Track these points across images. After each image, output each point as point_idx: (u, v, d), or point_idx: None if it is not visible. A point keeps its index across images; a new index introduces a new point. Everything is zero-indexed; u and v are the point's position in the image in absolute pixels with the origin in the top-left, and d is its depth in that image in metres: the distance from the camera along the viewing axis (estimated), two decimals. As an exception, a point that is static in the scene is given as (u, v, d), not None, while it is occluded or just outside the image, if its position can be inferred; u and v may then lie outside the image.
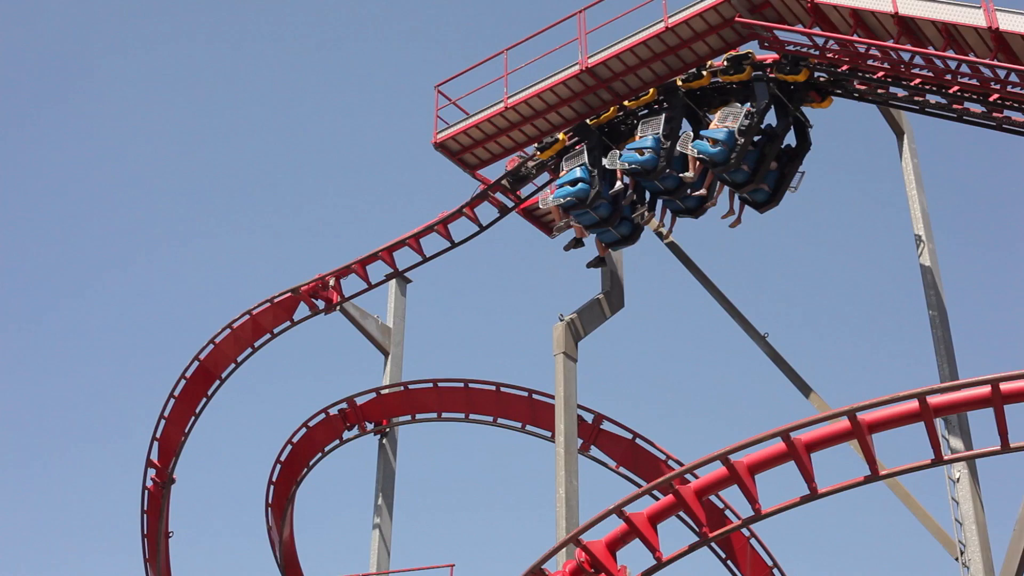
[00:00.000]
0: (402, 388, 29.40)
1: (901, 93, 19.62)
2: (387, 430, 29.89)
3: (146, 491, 30.87)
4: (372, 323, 30.38)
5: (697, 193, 21.81)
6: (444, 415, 29.56)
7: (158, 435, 30.17)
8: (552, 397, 23.56)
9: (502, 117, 23.56)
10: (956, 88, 18.62)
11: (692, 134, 21.73)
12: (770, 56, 21.28)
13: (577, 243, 23.67)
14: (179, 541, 31.52)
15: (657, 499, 16.72)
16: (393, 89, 77.06)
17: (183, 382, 29.75)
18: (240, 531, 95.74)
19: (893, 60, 19.21)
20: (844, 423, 15.28)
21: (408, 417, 29.83)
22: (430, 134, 24.49)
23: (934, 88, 19.03)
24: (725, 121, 21.03)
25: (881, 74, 19.52)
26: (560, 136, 23.70)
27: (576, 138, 23.51)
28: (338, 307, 28.77)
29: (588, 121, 23.11)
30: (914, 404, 14.93)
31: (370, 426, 30.06)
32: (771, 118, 21.59)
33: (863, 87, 20.49)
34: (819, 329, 66.78)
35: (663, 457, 27.58)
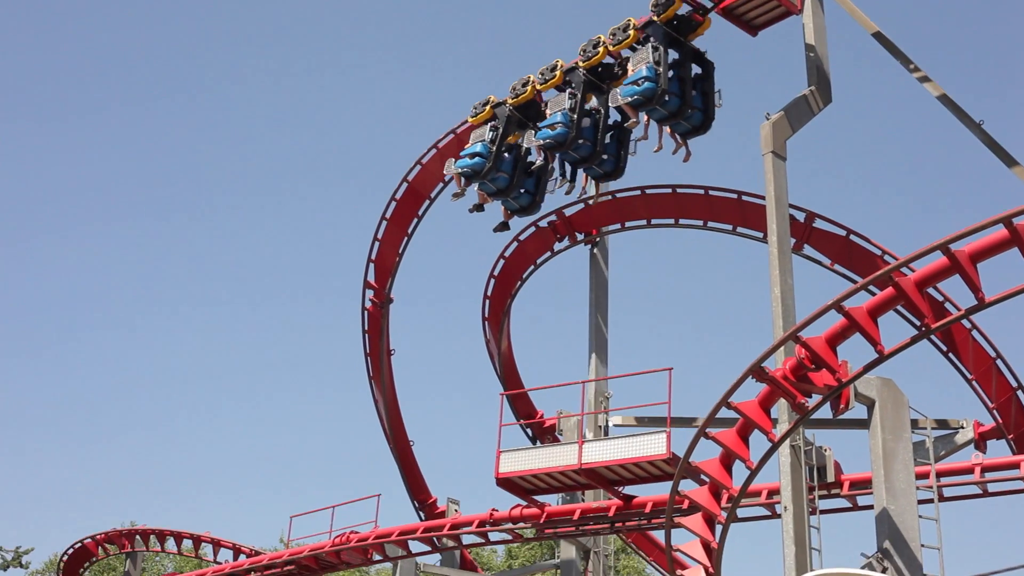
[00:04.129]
0: (610, 197, 29.46)
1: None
2: (597, 239, 30.12)
3: (365, 312, 31.97)
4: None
5: (610, 156, 24.55)
6: (653, 222, 29.61)
7: (373, 257, 31.10)
8: (762, 198, 23.30)
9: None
10: None
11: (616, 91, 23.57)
12: (644, 17, 23.79)
13: (504, 226, 26.30)
14: (401, 358, 32.69)
15: (875, 294, 16.57)
16: None
17: (394, 204, 30.43)
18: (459, 346, 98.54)
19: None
20: (1069, 206, 14.76)
21: (617, 226, 29.99)
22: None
23: None
24: (639, 64, 23.30)
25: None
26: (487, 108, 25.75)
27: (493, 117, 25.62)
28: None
29: (509, 101, 25.33)
30: None
31: (580, 236, 30.35)
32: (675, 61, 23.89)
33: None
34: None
35: (878, 252, 27.20)
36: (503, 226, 26.26)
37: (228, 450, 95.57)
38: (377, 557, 30.21)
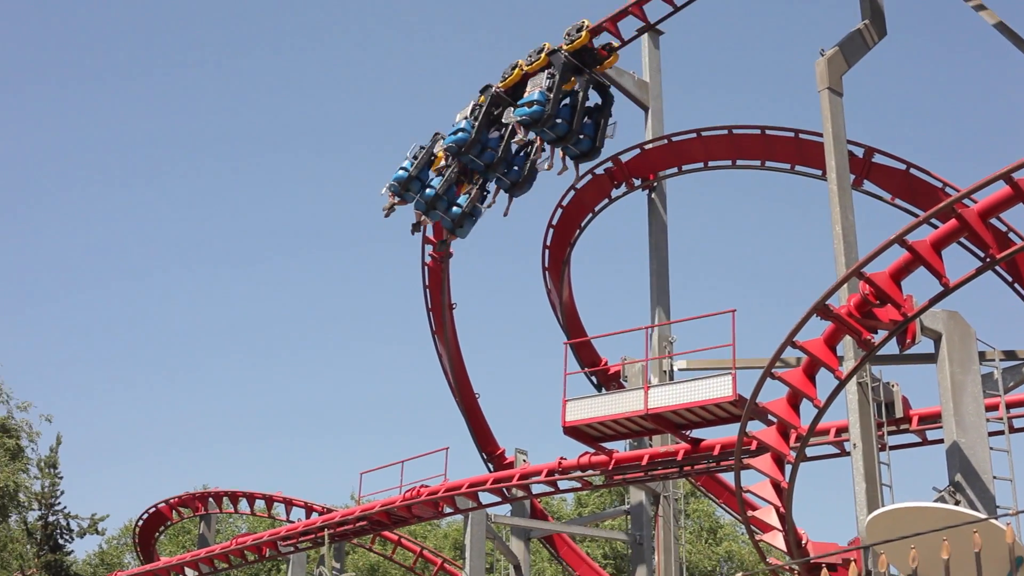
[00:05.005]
0: (666, 141, 29.31)
1: None
2: (654, 184, 29.98)
3: (426, 267, 32.07)
4: (628, 79, 30.22)
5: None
6: (710, 164, 29.43)
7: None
8: (820, 135, 23.11)
9: None
10: None
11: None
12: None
13: (416, 227, 28.28)
14: (463, 312, 32.83)
15: (937, 227, 16.40)
16: None
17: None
18: (520, 297, 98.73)
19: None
20: None
21: (674, 170, 29.82)
22: None
23: None
24: (535, 88, 25.94)
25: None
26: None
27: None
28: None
29: (499, 85, 27.17)
30: None
31: (637, 182, 30.22)
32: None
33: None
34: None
35: (939, 185, 26.87)
36: (415, 227, 28.26)
37: (297, 410, 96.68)
38: (448, 510, 30.46)
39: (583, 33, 26.47)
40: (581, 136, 26.50)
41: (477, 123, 26.57)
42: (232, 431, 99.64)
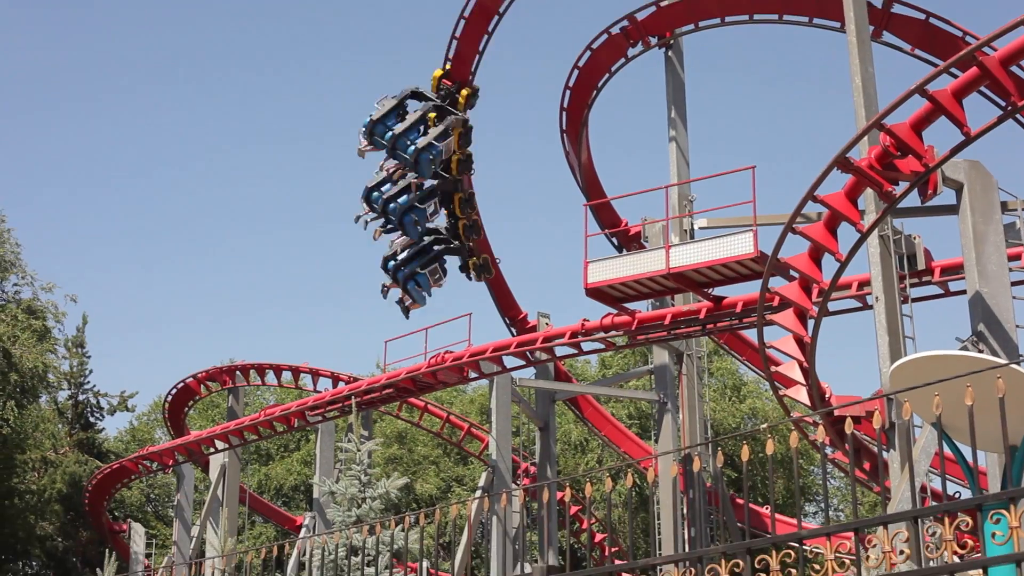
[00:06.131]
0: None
1: None
2: (671, 42, 29.62)
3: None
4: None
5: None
6: (727, 19, 29.01)
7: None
8: (838, -14, 22.72)
9: None
10: None
11: None
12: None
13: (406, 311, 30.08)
14: (481, 177, 32.73)
15: (958, 76, 16.19)
16: None
17: (463, 22, 29.85)
18: (540, 162, 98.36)
19: None
20: None
21: (691, 26, 29.42)
22: None
23: None
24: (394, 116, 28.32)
25: None
26: None
27: None
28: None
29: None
30: None
31: (653, 40, 29.85)
32: None
33: None
34: None
35: (959, 34, 26.47)
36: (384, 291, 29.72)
37: (321, 281, 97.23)
38: (473, 374, 30.76)
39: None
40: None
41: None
42: (257, 304, 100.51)
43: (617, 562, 32.38)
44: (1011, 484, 9.86)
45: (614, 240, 31.17)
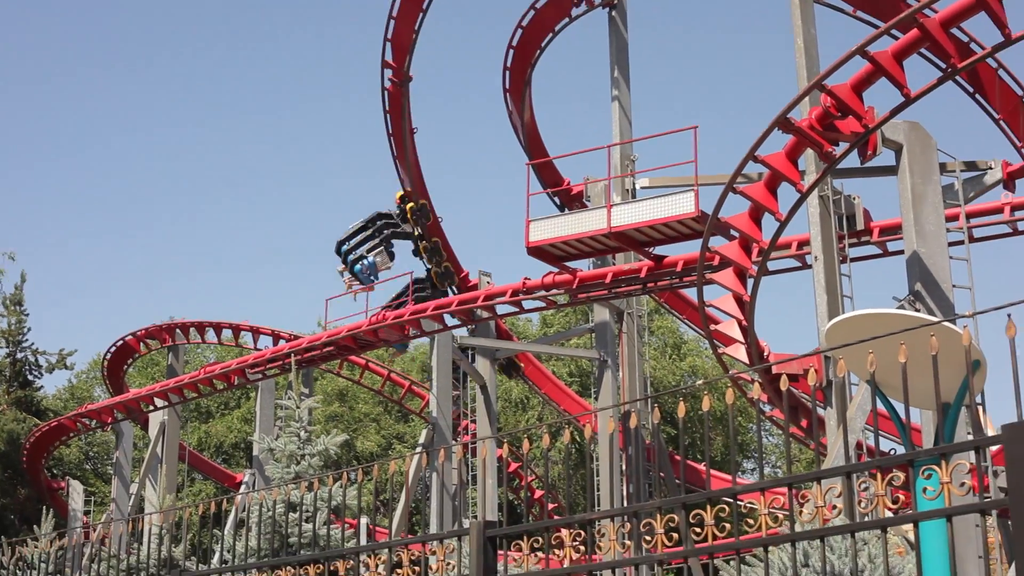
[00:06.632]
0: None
1: None
2: (615, 2, 29.53)
3: (385, 92, 31.55)
4: None
5: None
6: (670, -21, 28.95)
7: (389, 36, 30.28)
8: (781, -55, 22.71)
9: None
10: None
11: None
12: None
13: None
14: (424, 136, 32.58)
15: (899, 38, 16.29)
16: None
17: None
18: (481, 120, 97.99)
19: None
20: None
21: (635, -14, 29.33)
22: None
23: None
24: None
25: None
26: None
27: None
28: None
29: None
30: None
31: (597, 0, 29.75)
32: None
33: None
34: None
35: (902, -5, 26.58)
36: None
37: (260, 239, 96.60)
38: (414, 332, 30.71)
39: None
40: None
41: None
42: (198, 262, 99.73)
43: (555, 517, 32.57)
44: (943, 440, 9.99)
45: (556, 199, 31.11)
